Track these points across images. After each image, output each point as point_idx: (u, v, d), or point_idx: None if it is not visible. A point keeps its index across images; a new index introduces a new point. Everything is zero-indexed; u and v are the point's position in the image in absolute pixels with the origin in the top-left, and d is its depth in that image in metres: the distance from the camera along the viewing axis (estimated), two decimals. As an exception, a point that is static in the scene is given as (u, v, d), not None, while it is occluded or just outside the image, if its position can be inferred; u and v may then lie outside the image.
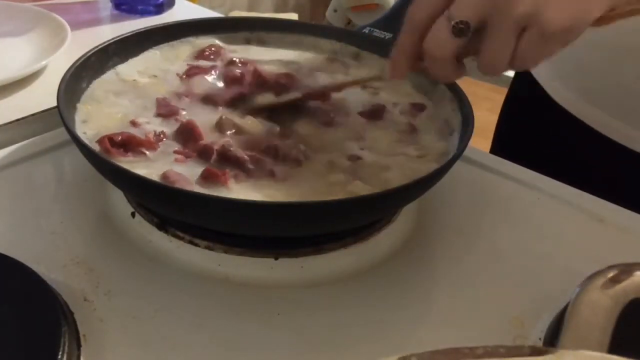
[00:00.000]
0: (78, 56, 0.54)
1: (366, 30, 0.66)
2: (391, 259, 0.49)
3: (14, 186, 0.54)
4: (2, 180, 0.54)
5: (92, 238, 0.50)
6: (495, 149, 0.82)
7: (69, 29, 0.74)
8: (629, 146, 0.63)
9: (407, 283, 0.48)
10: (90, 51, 0.56)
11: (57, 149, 0.58)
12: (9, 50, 0.74)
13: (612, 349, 0.29)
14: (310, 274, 0.47)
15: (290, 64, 0.63)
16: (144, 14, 0.88)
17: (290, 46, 0.66)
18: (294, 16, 2.35)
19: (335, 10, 1.76)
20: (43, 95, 0.63)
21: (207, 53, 0.63)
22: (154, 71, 0.60)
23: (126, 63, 0.60)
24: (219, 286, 0.46)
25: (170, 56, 0.62)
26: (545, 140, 0.73)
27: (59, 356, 0.36)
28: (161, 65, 0.61)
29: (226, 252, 0.47)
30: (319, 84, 0.60)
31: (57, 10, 0.78)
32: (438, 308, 0.47)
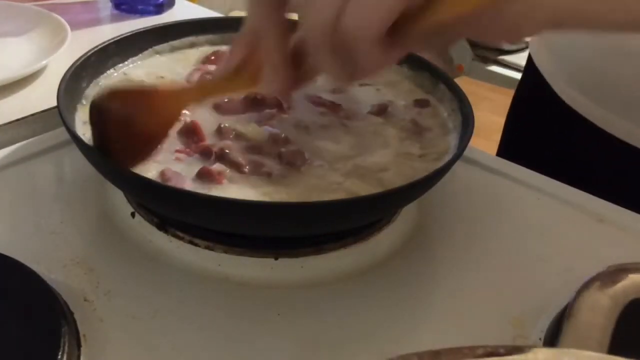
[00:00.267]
0: (78, 56, 0.54)
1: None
2: (391, 259, 0.49)
3: (14, 186, 0.54)
4: (2, 180, 0.54)
5: (92, 238, 0.50)
6: (502, 151, 0.81)
7: (69, 29, 0.74)
8: (637, 145, 0.63)
9: (407, 283, 0.48)
10: (90, 51, 0.56)
11: (57, 149, 0.58)
12: (9, 50, 0.74)
13: (612, 349, 0.29)
14: (310, 274, 0.47)
15: None
16: (144, 14, 0.88)
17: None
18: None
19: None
20: (43, 95, 0.63)
21: (213, 58, 0.62)
22: (163, 73, 0.60)
23: (134, 65, 0.60)
24: (219, 286, 0.46)
25: (180, 58, 0.62)
26: (554, 143, 0.72)
27: (59, 356, 0.36)
28: (171, 67, 0.61)
29: (226, 252, 0.47)
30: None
31: (57, 10, 0.78)
32: (438, 308, 0.47)
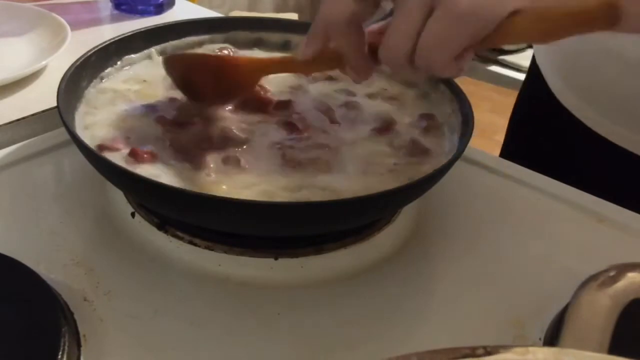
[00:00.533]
0: (78, 56, 0.54)
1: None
2: (391, 259, 0.49)
3: (14, 186, 0.54)
4: (2, 180, 0.54)
5: (92, 238, 0.50)
6: (505, 152, 0.81)
7: (69, 29, 0.74)
8: (635, 151, 0.63)
9: (407, 283, 0.48)
10: (90, 51, 0.56)
11: (57, 149, 0.58)
12: (9, 50, 0.74)
13: (612, 349, 0.29)
14: (310, 274, 0.47)
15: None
16: (144, 14, 0.88)
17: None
18: (294, 16, 2.35)
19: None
20: (43, 95, 0.63)
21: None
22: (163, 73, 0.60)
23: (134, 64, 0.60)
24: (219, 286, 0.46)
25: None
26: (555, 145, 0.73)
27: (59, 356, 0.36)
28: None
29: (226, 252, 0.47)
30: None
31: (57, 10, 0.79)
32: (438, 308, 0.47)
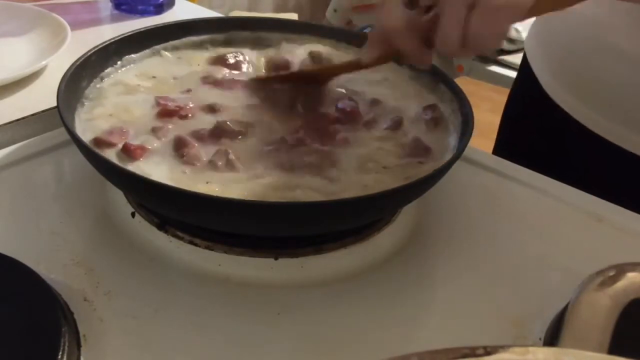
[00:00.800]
0: (78, 56, 0.54)
1: (367, 31, 0.66)
2: (391, 259, 0.49)
3: (14, 186, 0.54)
4: (2, 180, 0.54)
5: (92, 238, 0.50)
6: (497, 149, 0.82)
7: (69, 29, 0.74)
8: (629, 149, 0.63)
9: (407, 283, 0.48)
10: (90, 51, 0.56)
11: (57, 149, 0.58)
12: (9, 50, 0.74)
13: (612, 349, 0.29)
14: (310, 274, 0.47)
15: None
16: (144, 14, 0.88)
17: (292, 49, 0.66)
18: (294, 16, 2.35)
19: (335, 10, 1.76)
20: (43, 95, 0.63)
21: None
22: (163, 73, 0.60)
23: (134, 64, 0.61)
24: (219, 286, 0.46)
25: (181, 58, 0.63)
26: (546, 142, 0.73)
27: (59, 356, 0.36)
28: (172, 67, 0.61)
29: (226, 252, 0.47)
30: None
31: (57, 10, 0.78)
32: (438, 308, 0.47)
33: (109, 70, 0.58)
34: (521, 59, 0.78)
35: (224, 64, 0.62)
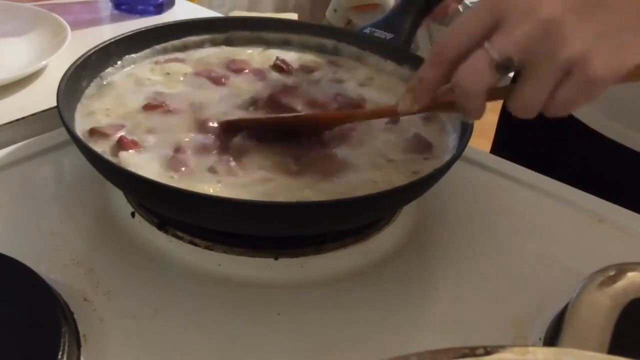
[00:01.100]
0: (78, 56, 0.54)
1: (367, 31, 0.65)
2: (391, 259, 0.49)
3: (14, 186, 0.54)
4: (2, 180, 0.54)
5: (92, 238, 0.50)
6: (495, 149, 0.82)
7: (69, 29, 0.74)
8: (630, 146, 0.63)
9: (407, 283, 0.48)
10: (90, 51, 0.56)
11: (57, 149, 0.58)
12: (9, 50, 0.74)
13: (612, 349, 0.29)
14: (310, 274, 0.47)
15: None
16: (144, 14, 0.88)
17: (292, 48, 0.66)
18: (294, 16, 2.35)
19: (335, 10, 1.76)
20: (43, 95, 0.63)
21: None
22: (164, 72, 0.61)
23: (134, 64, 0.61)
24: (219, 286, 0.46)
25: (180, 57, 0.63)
26: (544, 140, 0.73)
27: (59, 356, 0.36)
28: (172, 67, 0.62)
29: (226, 252, 0.47)
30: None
31: (57, 10, 0.78)
32: (438, 308, 0.47)
33: (109, 70, 0.58)
34: None
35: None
